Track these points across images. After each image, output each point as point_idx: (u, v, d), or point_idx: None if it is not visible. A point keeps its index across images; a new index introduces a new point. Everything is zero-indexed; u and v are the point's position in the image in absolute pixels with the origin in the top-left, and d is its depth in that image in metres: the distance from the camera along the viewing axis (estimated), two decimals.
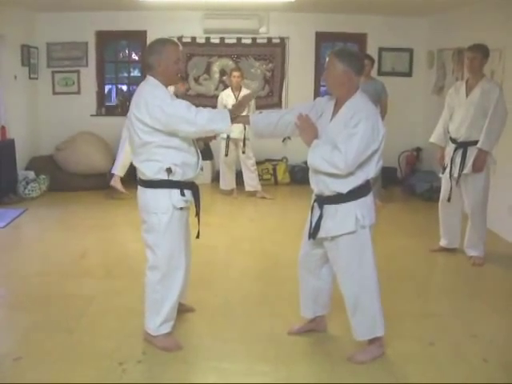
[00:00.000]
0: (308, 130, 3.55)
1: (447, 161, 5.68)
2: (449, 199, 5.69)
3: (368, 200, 3.54)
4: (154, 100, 3.51)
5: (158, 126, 3.52)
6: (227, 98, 8.26)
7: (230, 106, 8.06)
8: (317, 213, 3.57)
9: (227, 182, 8.64)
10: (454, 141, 5.63)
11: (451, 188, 5.65)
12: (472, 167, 5.44)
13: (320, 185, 3.52)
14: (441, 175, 5.84)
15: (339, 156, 3.30)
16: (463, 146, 5.51)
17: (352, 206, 3.46)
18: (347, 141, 3.29)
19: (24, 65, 8.71)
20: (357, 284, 3.57)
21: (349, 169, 3.33)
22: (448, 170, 5.64)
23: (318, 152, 3.41)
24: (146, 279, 3.81)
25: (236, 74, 8.26)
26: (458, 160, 5.55)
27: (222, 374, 3.53)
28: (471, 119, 5.42)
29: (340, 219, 3.47)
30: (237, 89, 8.28)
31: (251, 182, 8.56)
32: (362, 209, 3.47)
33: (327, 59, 3.52)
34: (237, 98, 8.21)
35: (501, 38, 6.48)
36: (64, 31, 9.29)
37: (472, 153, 5.44)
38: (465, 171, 5.49)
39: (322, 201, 3.54)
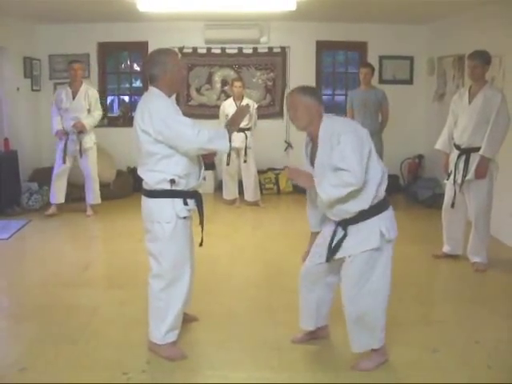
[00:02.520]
0: (302, 176, 3.57)
1: (451, 167, 5.69)
2: (452, 205, 5.70)
3: (389, 213, 3.54)
4: (159, 113, 3.53)
5: (161, 138, 3.55)
6: (229, 107, 8.29)
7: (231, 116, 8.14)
8: (340, 234, 3.53)
9: (230, 191, 8.65)
10: (457, 147, 5.64)
11: (455, 194, 5.67)
12: (474, 173, 5.45)
13: (339, 213, 3.50)
14: (445, 181, 5.86)
15: (346, 174, 3.28)
16: (466, 152, 5.52)
17: (375, 221, 3.45)
18: (342, 157, 3.30)
19: (26, 77, 8.76)
20: (366, 299, 3.53)
21: (361, 179, 3.29)
22: (452, 176, 5.66)
23: (326, 185, 3.37)
24: (150, 288, 3.82)
25: (237, 83, 8.30)
26: (461, 166, 5.56)
27: (226, 382, 3.54)
28: (474, 126, 5.43)
29: (364, 236, 3.45)
30: (238, 98, 8.32)
31: (252, 192, 8.59)
32: (386, 222, 3.47)
33: (288, 100, 3.65)
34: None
35: (501, 44, 6.50)
36: (66, 43, 9.35)
37: (475, 159, 5.45)
38: (468, 177, 5.50)
39: (346, 222, 3.51)
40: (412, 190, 8.97)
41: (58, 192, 7.79)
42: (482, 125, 5.38)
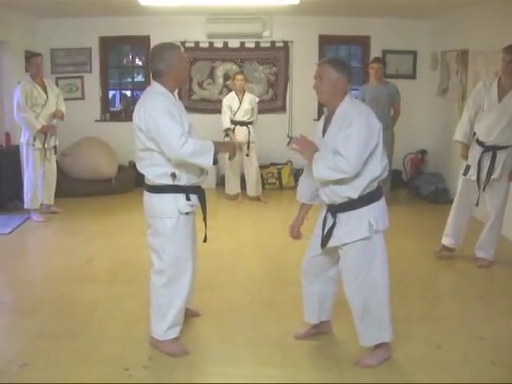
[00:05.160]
0: (307, 147, 3.54)
1: (471, 163, 5.52)
2: (477, 204, 5.53)
3: (380, 204, 3.53)
4: (152, 112, 3.51)
5: (149, 136, 3.54)
6: (232, 100, 8.29)
7: (234, 109, 8.14)
8: (330, 222, 3.56)
9: (232, 186, 8.63)
10: (480, 144, 5.45)
11: (479, 192, 5.48)
12: (509, 175, 5.33)
13: (331, 195, 3.50)
14: (463, 176, 5.62)
15: (342, 160, 3.29)
16: (492, 149, 5.36)
17: (364, 211, 3.45)
18: (345, 143, 3.29)
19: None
20: (367, 290, 3.54)
21: (355, 169, 3.30)
22: (474, 173, 5.46)
23: (321, 163, 3.39)
24: (152, 284, 3.81)
25: (239, 77, 8.29)
26: (485, 164, 5.39)
27: (228, 378, 3.53)
28: (504, 125, 5.25)
29: (353, 226, 3.46)
30: (240, 92, 8.30)
31: (254, 186, 8.58)
32: (376, 213, 3.47)
33: (318, 68, 3.53)
34: (241, 101, 8.24)
35: (504, 39, 6.44)
36: (67, 37, 9.32)
37: (502, 157, 5.32)
38: (494, 176, 5.36)
39: (335, 209, 3.52)
40: (415, 184, 8.94)
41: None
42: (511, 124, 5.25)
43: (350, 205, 3.46)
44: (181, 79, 3.78)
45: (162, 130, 3.48)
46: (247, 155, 8.36)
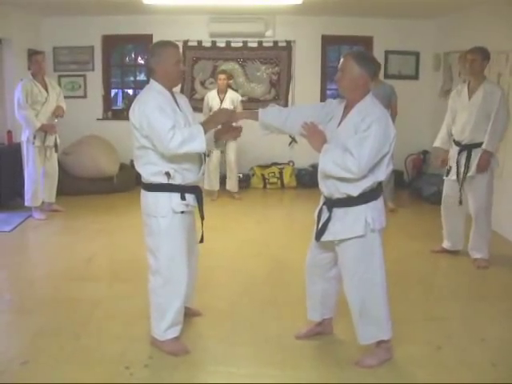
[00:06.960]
0: (316, 136, 3.53)
1: (451, 163, 5.68)
2: (460, 202, 5.63)
3: (379, 203, 3.52)
4: (145, 108, 3.51)
5: (143, 133, 3.54)
6: (212, 100, 8.34)
7: (215, 109, 8.11)
8: (325, 215, 3.56)
9: (213, 182, 8.58)
10: (457, 143, 5.62)
11: (460, 191, 5.61)
12: (476, 168, 5.44)
13: (330, 187, 3.50)
14: (444, 178, 5.82)
15: (352, 160, 3.28)
16: (467, 148, 5.51)
17: (362, 209, 3.44)
18: (359, 145, 3.27)
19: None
20: (364, 289, 3.55)
21: (362, 172, 3.31)
22: (454, 172, 5.63)
23: (329, 157, 3.38)
24: (149, 284, 3.81)
25: (222, 76, 8.35)
26: (462, 162, 5.54)
27: (229, 377, 3.52)
28: (475, 122, 5.43)
29: (349, 222, 3.46)
30: (222, 91, 8.37)
31: (233, 182, 8.67)
32: (373, 212, 3.46)
33: (342, 60, 3.48)
34: (222, 101, 8.26)
35: (508, 40, 6.45)
36: (70, 35, 9.33)
37: (476, 155, 5.45)
38: (469, 174, 5.48)
39: (332, 203, 3.52)
40: (416, 186, 8.93)
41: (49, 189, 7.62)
42: (483, 120, 5.38)
43: (348, 201, 3.46)
44: (172, 78, 3.69)
45: (153, 125, 3.47)
46: (222, 152, 8.40)
